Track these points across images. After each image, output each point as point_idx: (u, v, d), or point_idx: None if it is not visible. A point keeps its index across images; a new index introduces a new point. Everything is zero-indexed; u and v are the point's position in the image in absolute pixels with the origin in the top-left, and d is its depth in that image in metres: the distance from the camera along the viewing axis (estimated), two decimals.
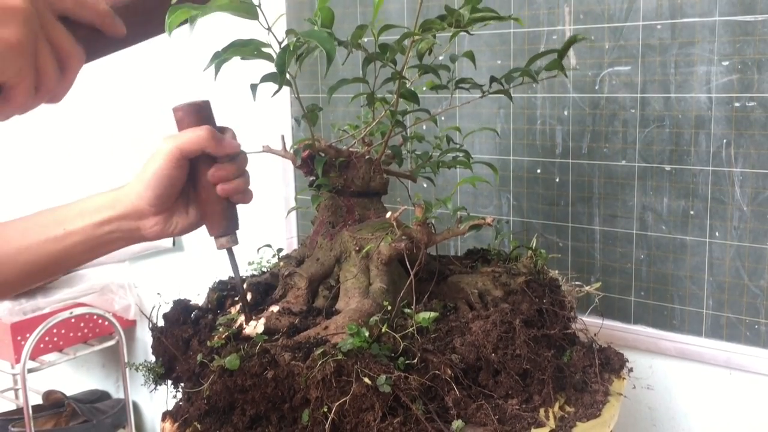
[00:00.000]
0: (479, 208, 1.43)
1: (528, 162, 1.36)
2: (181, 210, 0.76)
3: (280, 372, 0.79)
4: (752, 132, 1.14)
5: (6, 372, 2.14)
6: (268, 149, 1.07)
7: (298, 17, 1.58)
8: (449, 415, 0.80)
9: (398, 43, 0.90)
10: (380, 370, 0.77)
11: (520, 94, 1.33)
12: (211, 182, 0.74)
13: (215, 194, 0.74)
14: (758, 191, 1.15)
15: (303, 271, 0.98)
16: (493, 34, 1.35)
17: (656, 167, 1.23)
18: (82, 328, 2.07)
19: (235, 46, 0.77)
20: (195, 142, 0.71)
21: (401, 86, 0.93)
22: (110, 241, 0.73)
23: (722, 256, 1.19)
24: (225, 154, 0.73)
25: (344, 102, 1.54)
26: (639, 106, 1.22)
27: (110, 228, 0.72)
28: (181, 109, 0.73)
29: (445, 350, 0.85)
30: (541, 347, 0.88)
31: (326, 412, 0.76)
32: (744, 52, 1.12)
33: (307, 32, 0.78)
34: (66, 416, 2.18)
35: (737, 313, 1.20)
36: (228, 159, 0.74)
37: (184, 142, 0.71)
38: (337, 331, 0.86)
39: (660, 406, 1.32)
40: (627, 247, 1.28)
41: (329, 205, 1.04)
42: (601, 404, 0.90)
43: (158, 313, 0.99)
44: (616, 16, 1.22)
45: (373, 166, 1.03)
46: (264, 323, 0.90)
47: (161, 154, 0.71)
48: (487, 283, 1.01)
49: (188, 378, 0.89)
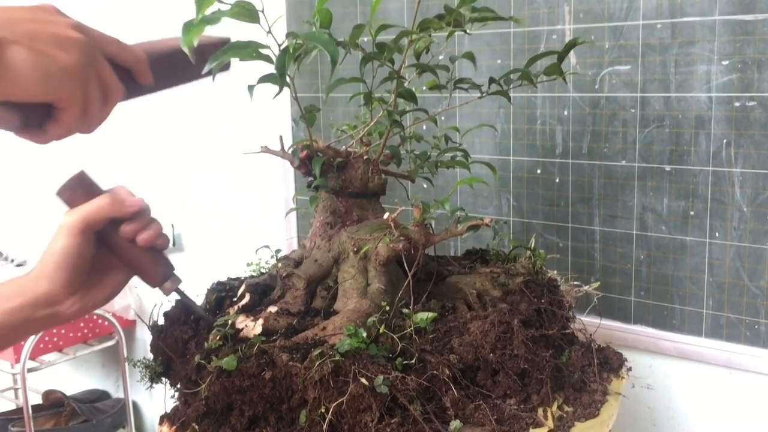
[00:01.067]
0: (479, 208, 1.43)
1: (528, 162, 1.36)
2: (97, 282, 0.73)
3: (278, 373, 0.79)
4: (752, 132, 1.13)
5: (6, 372, 2.14)
6: (267, 150, 1.07)
7: (297, 17, 1.58)
8: (447, 415, 0.80)
9: (395, 42, 0.90)
10: (378, 371, 0.77)
11: (519, 94, 1.33)
12: (128, 240, 0.72)
13: (138, 249, 0.72)
14: (758, 191, 1.14)
15: (301, 272, 0.98)
16: (493, 34, 1.34)
17: (656, 167, 1.22)
18: (82, 328, 2.07)
19: (233, 47, 0.77)
20: (98, 212, 0.69)
21: (399, 86, 0.93)
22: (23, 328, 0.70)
23: (722, 257, 1.19)
24: (131, 212, 0.71)
25: (343, 102, 1.54)
26: (639, 106, 1.22)
27: (24, 315, 0.69)
28: (67, 189, 0.71)
29: (443, 350, 0.85)
30: (540, 347, 0.88)
31: (324, 412, 0.76)
32: (744, 52, 1.12)
33: (309, 34, 0.78)
34: (66, 416, 2.18)
35: (737, 313, 1.19)
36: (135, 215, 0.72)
37: (86, 214, 0.69)
38: (335, 331, 0.86)
39: (660, 405, 1.32)
40: (627, 248, 1.28)
41: (327, 206, 1.04)
42: (599, 404, 0.89)
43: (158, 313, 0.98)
44: (616, 15, 1.21)
45: (371, 166, 1.03)
46: (262, 324, 0.90)
47: (64, 231, 0.69)
48: (486, 283, 1.01)
49: (186, 379, 0.89)
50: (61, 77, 0.54)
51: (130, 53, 0.63)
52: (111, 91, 0.60)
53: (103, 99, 0.59)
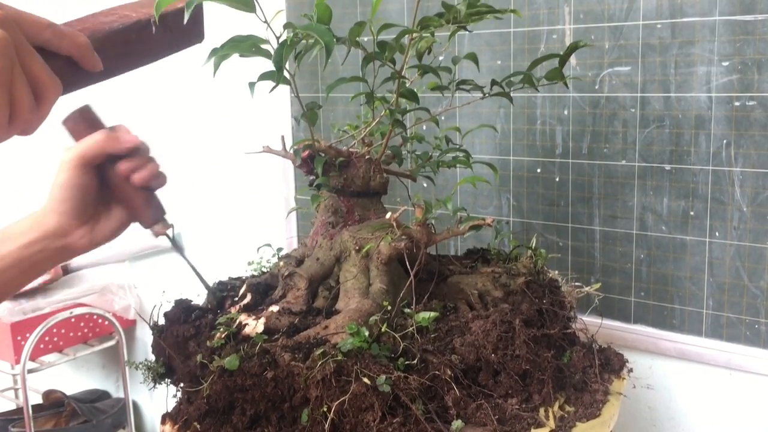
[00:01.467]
0: (479, 208, 1.43)
1: (528, 162, 1.36)
2: (104, 215, 0.75)
3: (280, 372, 0.79)
4: (752, 132, 1.14)
5: (6, 372, 2.14)
6: (268, 149, 1.07)
7: (297, 15, 1.58)
8: (449, 415, 0.80)
9: (396, 41, 0.90)
10: (380, 370, 0.77)
11: (520, 94, 1.33)
12: (123, 178, 0.73)
13: (132, 188, 0.74)
14: (758, 191, 1.15)
15: (303, 271, 0.98)
16: (493, 34, 1.35)
17: (656, 167, 1.23)
18: (82, 328, 2.07)
19: (233, 42, 0.77)
20: (94, 147, 0.71)
21: (401, 85, 0.93)
22: (40, 261, 0.72)
23: (722, 256, 1.19)
24: (126, 149, 0.72)
25: (344, 101, 1.54)
26: (639, 106, 1.22)
27: (38, 248, 0.72)
28: (70, 120, 0.72)
29: (444, 350, 0.85)
30: (541, 347, 0.88)
31: (326, 411, 0.76)
32: (744, 52, 1.12)
33: (305, 26, 0.78)
34: (66, 416, 2.18)
35: (737, 313, 1.20)
36: (131, 152, 0.73)
37: (84, 149, 0.71)
38: (336, 331, 0.86)
39: (660, 406, 1.32)
40: (627, 247, 1.28)
41: (329, 205, 1.04)
42: (600, 404, 0.90)
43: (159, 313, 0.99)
44: (616, 15, 1.22)
45: (373, 165, 1.03)
46: (264, 323, 0.90)
47: (65, 165, 0.71)
48: (487, 283, 1.01)
49: (188, 378, 0.89)
50: None
51: (69, 38, 0.57)
52: (44, 89, 0.54)
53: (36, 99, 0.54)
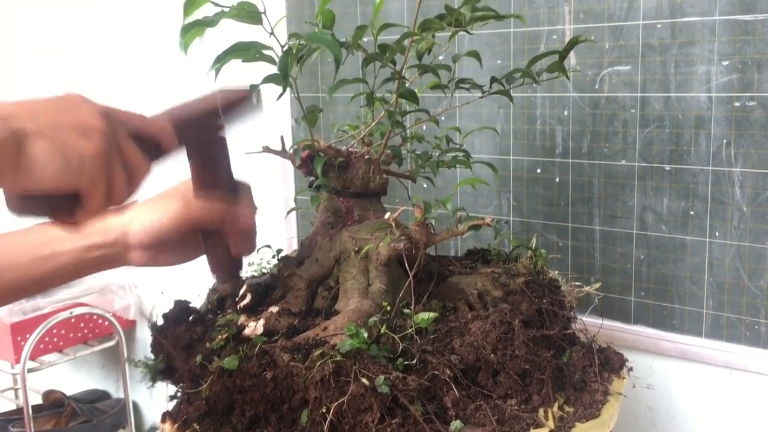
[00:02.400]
0: (479, 208, 1.43)
1: (528, 162, 1.36)
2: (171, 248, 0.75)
3: (280, 373, 0.79)
4: (752, 132, 1.14)
5: (6, 372, 2.14)
6: (268, 149, 1.07)
7: (297, 17, 1.58)
8: (448, 415, 0.80)
9: (398, 43, 0.90)
10: (379, 371, 0.77)
11: (520, 94, 1.33)
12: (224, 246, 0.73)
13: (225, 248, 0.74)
14: (758, 191, 1.15)
15: (302, 272, 0.98)
16: (493, 34, 1.35)
17: (656, 167, 1.23)
18: (82, 328, 2.07)
19: (236, 49, 0.77)
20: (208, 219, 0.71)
21: (401, 86, 0.93)
22: (96, 265, 0.73)
23: (722, 256, 1.19)
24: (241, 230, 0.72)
25: (343, 102, 1.54)
26: (639, 106, 1.22)
27: (99, 253, 0.72)
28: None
29: (444, 351, 0.85)
30: (541, 347, 0.88)
31: (325, 412, 0.76)
32: (744, 52, 1.12)
33: (311, 35, 0.78)
34: (66, 416, 2.18)
35: (737, 313, 1.20)
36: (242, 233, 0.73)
37: (197, 215, 0.71)
38: (336, 332, 0.86)
39: (660, 406, 1.32)
40: (627, 247, 1.28)
41: (329, 206, 1.04)
42: (600, 404, 0.89)
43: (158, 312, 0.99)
44: (616, 15, 1.22)
45: (372, 166, 1.03)
46: (263, 324, 0.90)
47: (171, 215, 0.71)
48: (487, 283, 1.01)
49: (188, 379, 0.89)
50: (81, 166, 0.54)
51: (155, 125, 0.64)
52: (136, 170, 0.60)
53: (129, 179, 0.60)
